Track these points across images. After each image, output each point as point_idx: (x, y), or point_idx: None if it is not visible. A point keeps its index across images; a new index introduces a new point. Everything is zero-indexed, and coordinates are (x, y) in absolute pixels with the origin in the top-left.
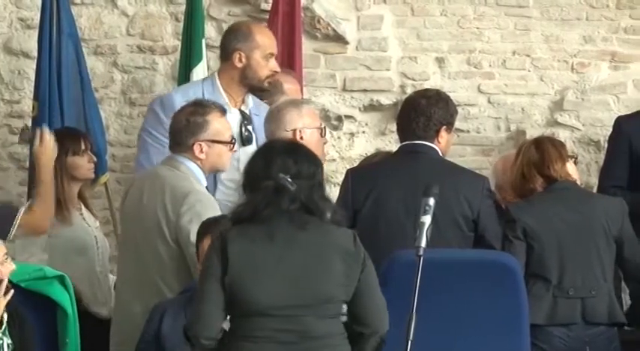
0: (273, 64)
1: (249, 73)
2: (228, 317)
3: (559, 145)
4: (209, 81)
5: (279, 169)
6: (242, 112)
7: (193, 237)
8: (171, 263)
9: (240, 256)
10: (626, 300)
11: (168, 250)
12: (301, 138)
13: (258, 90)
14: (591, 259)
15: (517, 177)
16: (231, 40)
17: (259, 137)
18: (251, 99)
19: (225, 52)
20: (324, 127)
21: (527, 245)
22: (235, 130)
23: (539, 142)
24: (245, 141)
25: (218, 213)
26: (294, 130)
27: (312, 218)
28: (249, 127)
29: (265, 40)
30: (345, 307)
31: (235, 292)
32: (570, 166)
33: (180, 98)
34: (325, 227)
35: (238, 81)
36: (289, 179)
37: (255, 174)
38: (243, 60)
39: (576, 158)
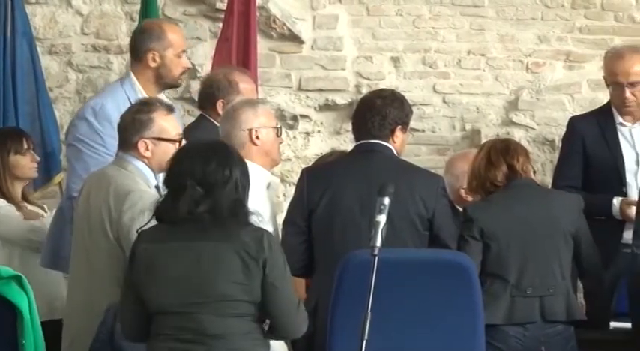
0: (185, 61)
1: (163, 72)
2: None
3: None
4: (127, 83)
5: (187, 173)
6: None
7: (133, 236)
8: (118, 262)
9: (143, 256)
10: (580, 298)
11: (112, 249)
12: (257, 137)
13: (172, 87)
14: (549, 256)
15: (481, 164)
16: (144, 40)
17: None
18: (164, 97)
19: (138, 53)
20: (280, 127)
21: (484, 245)
22: None
23: (506, 139)
24: None
25: None
26: (250, 130)
27: (218, 220)
28: None
29: (177, 38)
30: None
31: (140, 292)
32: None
33: (111, 105)
34: (228, 228)
35: (154, 80)
36: (196, 184)
37: (168, 175)
38: (157, 59)
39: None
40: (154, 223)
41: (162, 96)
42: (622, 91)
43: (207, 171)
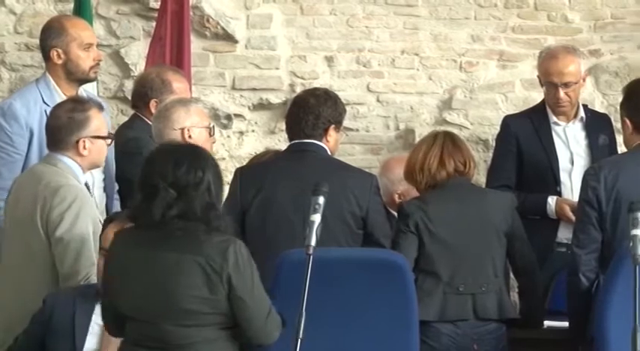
0: (95, 54)
1: (71, 68)
2: None
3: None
4: (42, 82)
5: (159, 176)
6: None
7: (60, 231)
8: (47, 256)
9: (114, 260)
10: (514, 296)
11: (41, 243)
12: (189, 136)
13: (86, 82)
14: (483, 255)
15: (433, 161)
16: (46, 39)
17: None
18: (85, 94)
19: (44, 52)
20: (213, 126)
21: (419, 240)
22: None
23: (453, 134)
24: None
25: (93, 209)
26: (182, 129)
27: (188, 225)
28: None
29: (80, 32)
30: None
31: (109, 295)
32: None
33: (19, 104)
34: (195, 238)
35: (64, 77)
36: (168, 187)
37: (140, 178)
38: (62, 56)
39: None
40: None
41: (82, 92)
42: (556, 91)
43: (178, 173)
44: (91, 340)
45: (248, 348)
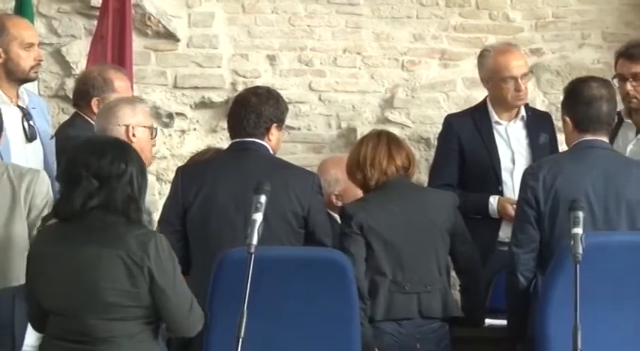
0: (36, 53)
1: (12, 67)
2: None
3: None
4: None
5: (82, 166)
6: (21, 108)
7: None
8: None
9: (35, 254)
10: (455, 294)
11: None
12: (133, 135)
13: (26, 81)
14: (427, 253)
15: (382, 156)
16: None
17: (41, 131)
18: (25, 94)
19: None
20: (156, 129)
21: (366, 242)
22: (19, 128)
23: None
24: (30, 137)
25: None
26: (127, 126)
27: (108, 217)
28: (31, 123)
29: (21, 31)
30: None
31: (32, 291)
32: None
33: None
34: (116, 231)
35: (5, 77)
36: (91, 176)
37: (62, 170)
38: (2, 55)
39: None
40: None
41: (23, 91)
42: (516, 84)
43: (102, 163)
44: (32, 336)
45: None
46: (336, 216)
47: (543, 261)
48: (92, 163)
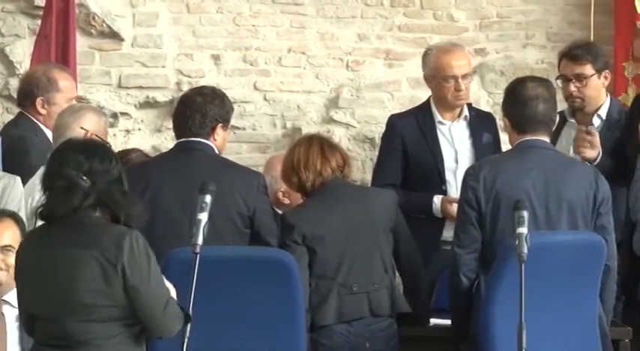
0: None
1: None
2: None
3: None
4: None
5: (72, 167)
6: None
7: None
8: None
9: (22, 257)
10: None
11: None
12: None
13: None
14: (371, 252)
15: (315, 159)
16: None
17: None
18: None
19: None
20: (109, 144)
21: (309, 248)
22: None
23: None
24: None
25: None
26: (87, 132)
27: (97, 218)
28: None
29: None
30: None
31: (18, 294)
32: None
33: None
34: (93, 229)
35: None
36: (82, 176)
37: (50, 174)
38: None
39: None
40: None
41: None
42: (456, 84)
43: (93, 162)
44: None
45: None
46: None
47: (485, 261)
48: (83, 163)
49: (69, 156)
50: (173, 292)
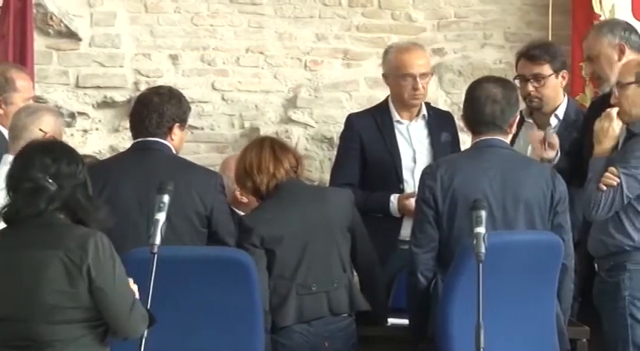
0: None
1: None
2: None
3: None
4: None
5: (38, 169)
6: None
7: None
8: None
9: None
10: None
11: None
12: None
13: None
14: (329, 251)
15: (268, 161)
16: None
17: None
18: None
19: None
20: None
21: (267, 251)
22: None
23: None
24: None
25: None
26: (45, 134)
27: (62, 220)
28: None
29: None
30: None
31: None
32: None
33: None
34: (58, 231)
35: None
36: (49, 179)
37: (15, 176)
38: None
39: None
40: None
41: None
42: (415, 82)
43: (60, 165)
44: None
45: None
46: (242, 213)
47: (442, 260)
48: (50, 166)
49: (35, 158)
50: (137, 293)
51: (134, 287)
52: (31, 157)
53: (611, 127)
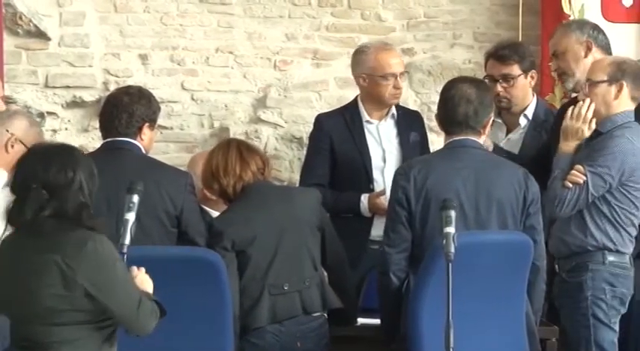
0: None
1: None
2: None
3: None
4: None
5: (30, 176)
6: None
7: None
8: None
9: None
10: None
11: None
12: (12, 146)
13: None
14: (300, 250)
15: (235, 162)
16: None
17: None
18: None
19: None
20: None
21: (240, 252)
22: None
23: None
24: None
25: None
26: (12, 136)
27: (55, 226)
28: None
29: None
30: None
31: None
32: None
33: None
34: (56, 235)
35: None
36: (39, 188)
37: (13, 180)
38: None
39: None
40: None
41: None
42: (396, 81)
43: (49, 174)
44: None
45: None
46: (211, 210)
47: (415, 260)
48: (39, 174)
49: (28, 165)
50: (150, 286)
51: (148, 280)
52: (25, 164)
53: (581, 129)
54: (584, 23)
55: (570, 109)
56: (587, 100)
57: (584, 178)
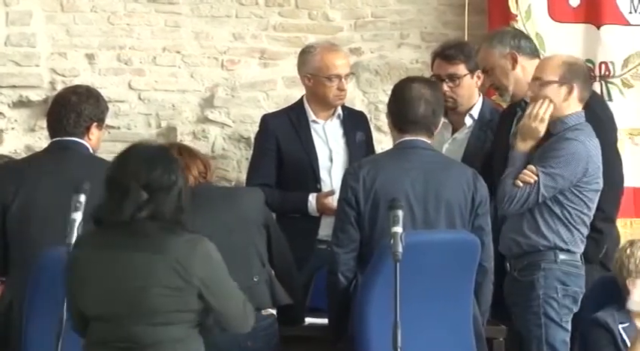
0: None
1: None
2: None
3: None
4: None
5: (131, 176)
6: None
7: None
8: None
9: (77, 261)
10: None
11: None
12: None
13: None
14: (248, 249)
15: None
16: None
17: None
18: None
19: None
20: None
21: None
22: None
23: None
24: None
25: None
26: None
27: (156, 227)
28: None
29: None
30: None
31: (74, 298)
32: None
33: None
34: (164, 238)
35: None
36: (140, 188)
37: (111, 177)
38: None
39: None
40: None
41: None
42: (340, 83)
43: (152, 175)
44: None
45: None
46: None
47: (363, 260)
48: (142, 175)
49: (130, 164)
50: None
51: None
52: (126, 163)
53: (537, 129)
54: (503, 34)
55: (529, 107)
56: (547, 101)
57: (536, 178)
